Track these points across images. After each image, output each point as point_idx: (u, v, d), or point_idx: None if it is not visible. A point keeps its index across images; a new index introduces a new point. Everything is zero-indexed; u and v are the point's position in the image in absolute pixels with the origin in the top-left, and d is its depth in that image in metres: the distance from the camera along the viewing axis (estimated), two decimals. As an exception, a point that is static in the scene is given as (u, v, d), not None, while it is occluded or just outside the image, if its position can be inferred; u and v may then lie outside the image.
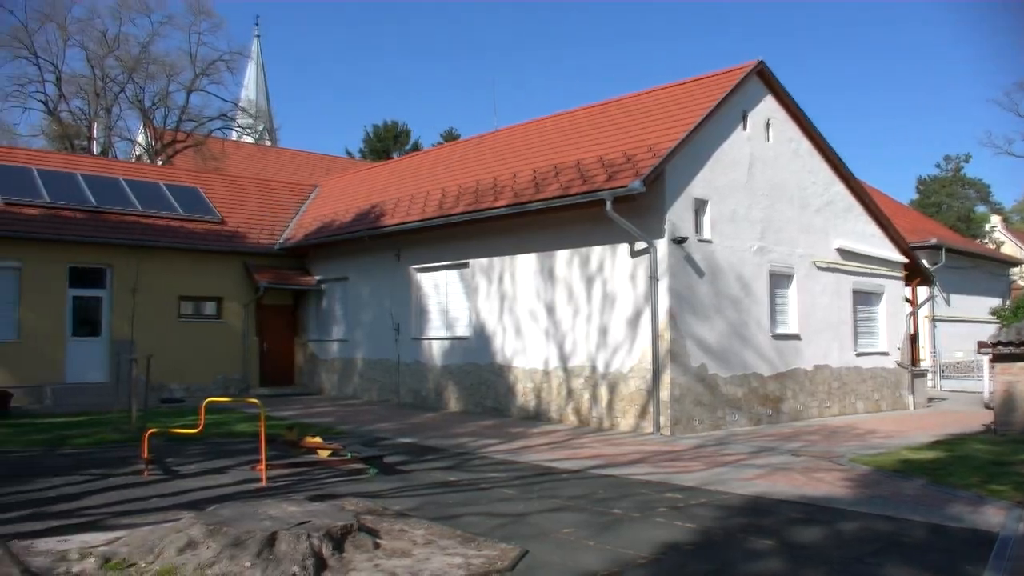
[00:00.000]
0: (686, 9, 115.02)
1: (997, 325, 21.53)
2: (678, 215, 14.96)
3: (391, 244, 20.53)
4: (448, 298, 19.54)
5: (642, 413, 14.84)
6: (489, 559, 6.22)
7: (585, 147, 17.52)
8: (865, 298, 19.86)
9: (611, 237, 15.40)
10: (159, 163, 35.45)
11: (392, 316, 20.74)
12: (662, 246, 14.67)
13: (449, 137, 56.67)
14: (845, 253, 18.97)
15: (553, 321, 16.66)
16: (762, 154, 17.00)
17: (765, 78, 17.18)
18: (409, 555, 6.26)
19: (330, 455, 10.82)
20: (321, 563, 5.81)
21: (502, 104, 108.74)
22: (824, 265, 18.36)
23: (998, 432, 14.18)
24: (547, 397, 16.68)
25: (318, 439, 11.56)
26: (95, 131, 38.94)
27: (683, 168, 15.20)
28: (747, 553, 6.65)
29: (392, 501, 8.42)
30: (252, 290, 23.21)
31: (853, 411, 18.74)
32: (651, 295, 14.65)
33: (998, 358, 14.47)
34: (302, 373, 24.45)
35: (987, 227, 57.86)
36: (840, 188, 19.15)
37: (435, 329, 19.82)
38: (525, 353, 17.24)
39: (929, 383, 23.94)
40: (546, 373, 16.73)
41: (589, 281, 15.97)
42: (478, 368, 18.33)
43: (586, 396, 15.89)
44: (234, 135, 45.04)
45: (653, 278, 14.64)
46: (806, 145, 18.21)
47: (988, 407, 17.92)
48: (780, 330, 17.06)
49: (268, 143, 49.51)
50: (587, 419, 15.80)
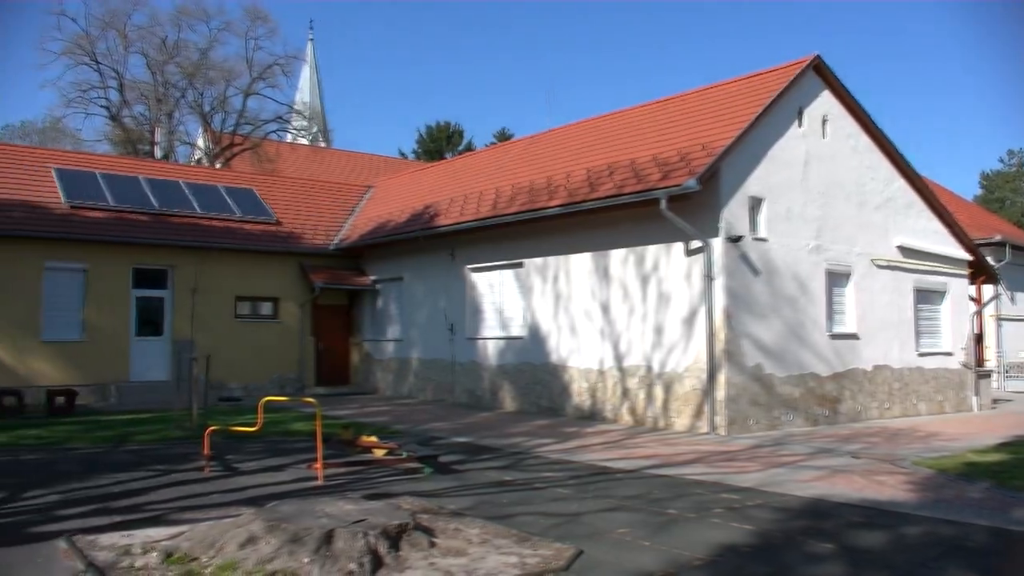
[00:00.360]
0: (746, 8, 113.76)
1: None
2: (733, 213, 14.79)
3: (446, 244, 20.64)
4: (503, 298, 19.58)
5: (697, 413, 14.71)
6: (544, 559, 6.21)
7: (639, 146, 17.41)
8: (927, 297, 19.40)
9: (666, 236, 15.29)
10: (217, 166, 36.14)
11: (447, 316, 20.86)
12: (717, 245, 14.53)
13: (502, 137, 56.84)
14: (906, 251, 18.55)
15: (608, 320, 16.60)
16: (818, 151, 16.71)
17: (822, 73, 16.88)
18: (464, 554, 6.29)
19: (386, 454, 10.92)
20: (377, 561, 5.86)
21: (555, 104, 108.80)
22: (884, 263, 17.98)
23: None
24: (602, 397, 16.62)
25: (374, 438, 11.68)
26: (157, 136, 39.89)
27: (738, 166, 15.03)
28: (807, 556, 6.54)
29: (447, 500, 8.47)
30: (308, 290, 23.50)
31: (915, 413, 18.33)
32: (706, 294, 14.52)
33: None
34: (357, 372, 24.71)
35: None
36: (901, 184, 18.73)
37: (490, 329, 19.88)
38: (580, 352, 17.20)
39: (993, 384, 23.28)
40: (601, 372, 16.67)
41: (644, 280, 15.87)
42: (533, 368, 18.34)
43: (641, 396, 15.79)
44: (289, 137, 45.73)
45: (708, 277, 14.51)
46: (865, 141, 17.84)
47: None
48: (838, 329, 16.76)
49: (322, 145, 50.21)
50: (642, 419, 15.71)
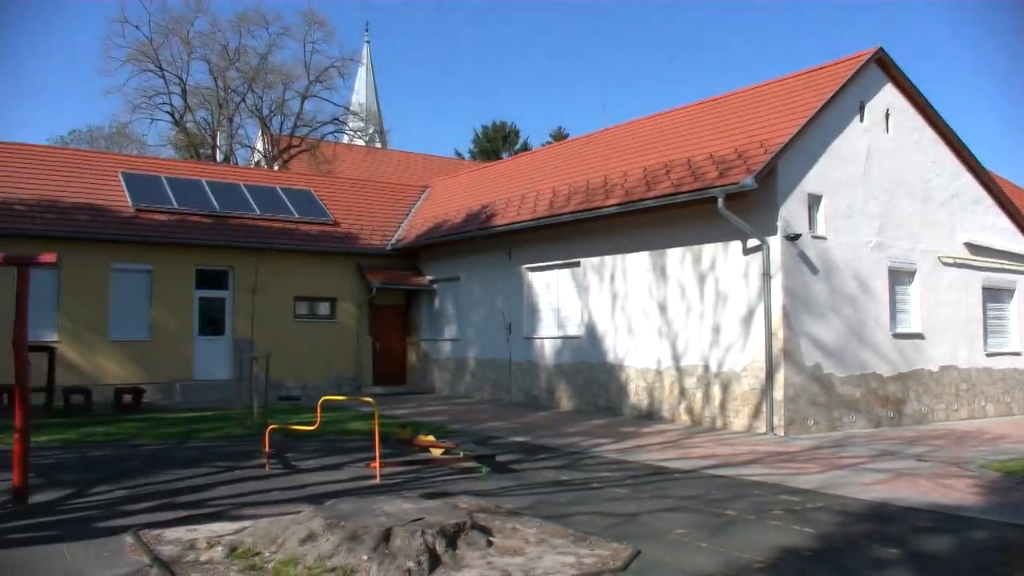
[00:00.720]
0: (804, 3, 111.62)
1: None
2: (791, 211, 14.56)
3: (502, 244, 20.70)
4: (559, 297, 19.56)
5: (755, 413, 14.52)
6: (601, 558, 6.19)
7: (696, 144, 17.24)
8: (996, 295, 18.85)
9: (723, 234, 15.12)
10: (275, 168, 36.74)
11: (504, 315, 20.91)
12: (775, 243, 14.32)
13: (558, 136, 56.75)
14: (973, 248, 18.04)
15: (665, 320, 16.47)
16: (880, 146, 16.35)
17: (884, 66, 16.51)
18: (521, 553, 6.30)
19: (443, 453, 10.98)
20: (435, 559, 5.91)
21: (611, 102, 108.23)
22: (950, 260, 17.52)
23: None
24: (659, 396, 16.51)
25: (431, 437, 11.76)
26: (218, 140, 40.74)
27: (796, 163, 14.79)
28: (870, 561, 6.40)
29: (504, 499, 8.49)
30: (365, 290, 23.76)
31: (983, 414, 17.83)
32: (764, 293, 14.33)
33: None
34: (414, 372, 24.89)
35: None
36: (967, 179, 18.23)
37: (546, 328, 19.87)
38: (637, 352, 17.10)
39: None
40: (658, 372, 16.56)
41: (701, 279, 15.72)
42: (590, 367, 18.28)
43: (699, 395, 15.64)
44: (346, 138, 46.25)
45: (766, 276, 14.31)
46: (929, 135, 17.40)
47: None
48: (901, 329, 16.38)
49: (379, 145, 50.68)
50: (700, 418, 15.56)
